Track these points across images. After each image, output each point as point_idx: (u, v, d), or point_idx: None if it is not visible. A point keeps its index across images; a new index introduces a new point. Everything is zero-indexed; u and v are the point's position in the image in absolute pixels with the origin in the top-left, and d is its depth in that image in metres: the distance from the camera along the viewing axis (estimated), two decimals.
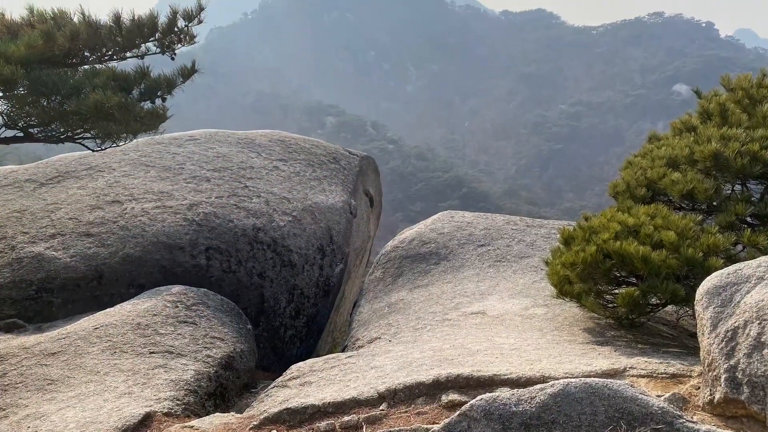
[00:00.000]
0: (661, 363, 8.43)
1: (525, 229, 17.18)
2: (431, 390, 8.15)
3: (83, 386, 9.80)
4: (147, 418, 8.72)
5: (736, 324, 6.88)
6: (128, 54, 15.52)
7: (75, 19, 14.73)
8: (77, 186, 16.55)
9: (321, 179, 18.04)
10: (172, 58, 16.00)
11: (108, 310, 12.25)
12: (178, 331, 11.42)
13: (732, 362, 6.71)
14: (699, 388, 7.56)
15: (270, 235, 15.45)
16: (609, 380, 6.38)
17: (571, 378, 6.77)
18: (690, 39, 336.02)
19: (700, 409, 7.15)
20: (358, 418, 7.69)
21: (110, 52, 15.32)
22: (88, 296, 13.86)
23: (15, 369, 10.42)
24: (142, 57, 15.66)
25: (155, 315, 11.72)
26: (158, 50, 15.72)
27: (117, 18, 14.86)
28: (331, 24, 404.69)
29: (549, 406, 6.01)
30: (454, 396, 7.94)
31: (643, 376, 8.11)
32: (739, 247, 10.79)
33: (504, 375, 8.13)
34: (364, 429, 7.49)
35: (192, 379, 10.05)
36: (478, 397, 6.30)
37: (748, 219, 11.13)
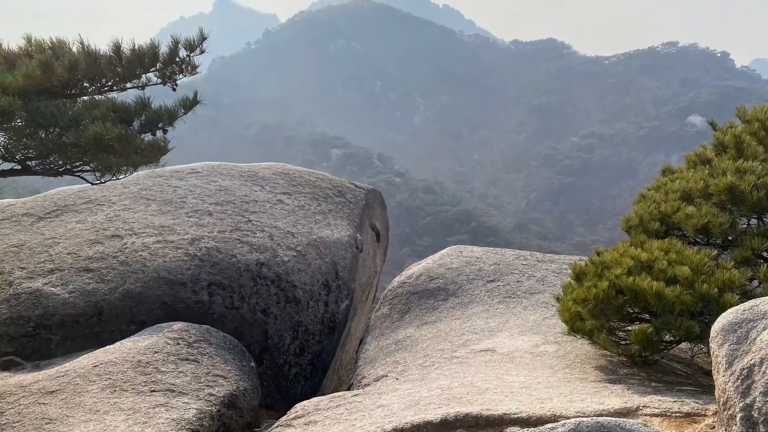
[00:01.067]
0: (675, 401, 8.44)
1: (535, 264, 17.21)
2: (439, 429, 8.16)
3: (82, 425, 9.81)
4: None
5: (752, 362, 6.90)
6: (128, 85, 15.51)
7: (74, 49, 14.73)
8: (76, 220, 16.58)
9: (326, 213, 18.07)
10: (174, 89, 16.00)
11: (108, 347, 12.27)
12: (180, 368, 11.43)
13: (748, 401, 6.72)
14: (714, 427, 7.57)
15: (274, 270, 15.46)
16: (622, 419, 6.40)
17: (582, 417, 6.79)
18: (705, 69, 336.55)
19: None
20: None
21: (110, 83, 15.33)
22: (88, 333, 13.85)
23: (12, 408, 10.43)
24: (142, 88, 15.65)
25: (156, 352, 11.74)
26: (159, 81, 15.71)
27: (117, 48, 14.87)
28: (336, 53, 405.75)
29: None
30: None
31: (656, 415, 8.11)
32: (755, 282, 10.79)
33: (514, 414, 8.14)
34: None
35: (194, 419, 10.06)
36: None
37: (765, 254, 11.14)
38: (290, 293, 15.33)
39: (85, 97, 15.17)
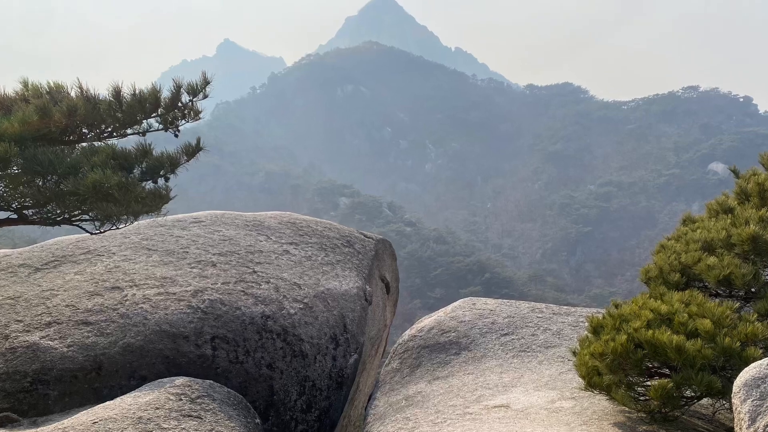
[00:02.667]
0: None
1: (551, 317, 17.21)
2: None
3: None
4: None
5: None
6: (129, 131, 15.43)
7: (72, 94, 14.66)
8: (74, 271, 16.61)
9: (334, 264, 18.10)
10: (176, 135, 15.96)
11: (107, 403, 12.25)
12: (182, 425, 11.41)
13: None
14: None
15: (280, 323, 15.46)
16: None
17: None
18: (727, 114, 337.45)
19: None
20: None
21: (110, 129, 15.26)
22: (87, 388, 13.82)
23: None
24: (143, 134, 15.56)
25: (158, 408, 11.73)
26: (161, 127, 15.64)
27: (117, 92, 14.80)
28: (344, 99, 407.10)
29: None
30: None
31: None
32: None
33: None
34: None
35: None
36: None
37: None
38: (297, 347, 15.32)
39: (84, 144, 15.11)
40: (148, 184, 15.10)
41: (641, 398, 11.07)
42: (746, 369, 7.77)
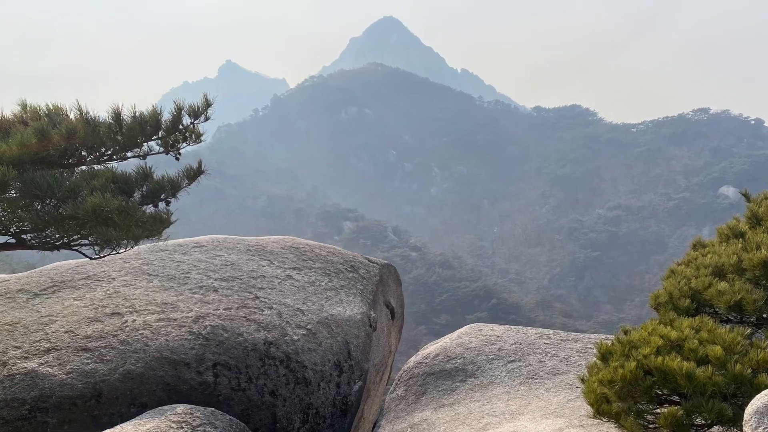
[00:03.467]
0: None
1: (559, 343, 17.19)
2: None
3: None
4: None
5: None
6: (129, 154, 15.37)
7: (71, 116, 14.58)
8: (74, 297, 16.58)
9: (338, 289, 18.07)
10: (177, 158, 15.92)
11: (107, 431, 12.24)
12: None
13: None
14: None
15: (283, 349, 15.43)
16: None
17: None
18: (738, 137, 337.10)
19: None
20: None
21: (110, 152, 15.19)
22: (86, 416, 13.79)
23: None
24: (144, 157, 15.48)
25: None
26: (162, 149, 15.60)
27: (117, 114, 14.73)
28: (348, 121, 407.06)
29: None
30: None
31: None
32: None
33: None
34: None
35: None
36: None
37: None
38: (300, 374, 15.30)
39: (84, 167, 15.05)
40: (149, 208, 15.06)
41: (651, 426, 11.05)
42: (758, 396, 7.75)
